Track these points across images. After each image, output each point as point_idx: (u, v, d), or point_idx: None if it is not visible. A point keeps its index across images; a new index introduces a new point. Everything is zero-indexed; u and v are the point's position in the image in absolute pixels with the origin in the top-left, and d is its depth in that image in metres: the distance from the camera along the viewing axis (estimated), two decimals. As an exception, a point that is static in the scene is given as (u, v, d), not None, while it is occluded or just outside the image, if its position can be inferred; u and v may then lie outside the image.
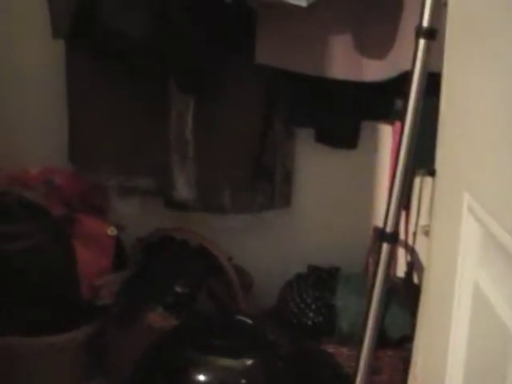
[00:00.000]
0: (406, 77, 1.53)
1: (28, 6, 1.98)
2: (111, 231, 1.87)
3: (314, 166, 2.00)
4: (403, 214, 1.59)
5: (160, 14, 1.67)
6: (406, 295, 1.78)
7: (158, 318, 1.82)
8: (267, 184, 1.94)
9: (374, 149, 1.95)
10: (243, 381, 1.53)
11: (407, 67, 1.48)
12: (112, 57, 1.78)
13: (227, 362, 1.55)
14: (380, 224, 1.55)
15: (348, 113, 1.84)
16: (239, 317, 1.70)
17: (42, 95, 2.09)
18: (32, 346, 1.79)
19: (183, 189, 1.89)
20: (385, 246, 1.52)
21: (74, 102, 1.94)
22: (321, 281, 1.90)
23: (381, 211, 1.83)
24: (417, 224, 1.71)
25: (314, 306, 1.81)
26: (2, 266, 1.79)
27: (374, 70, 1.69)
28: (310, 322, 1.80)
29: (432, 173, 1.52)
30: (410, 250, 1.80)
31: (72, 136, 1.96)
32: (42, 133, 2.10)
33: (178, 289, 1.85)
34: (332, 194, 2.02)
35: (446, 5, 1.36)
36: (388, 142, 1.93)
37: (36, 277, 1.80)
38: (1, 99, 2.10)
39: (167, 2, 1.67)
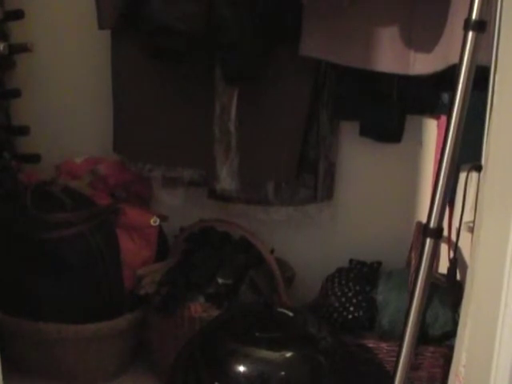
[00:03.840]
0: (452, 70, 1.51)
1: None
2: (154, 221, 1.89)
3: (358, 159, 1.99)
4: (447, 209, 1.57)
5: (206, 5, 1.67)
6: (448, 292, 1.77)
7: (200, 309, 1.83)
8: (310, 177, 1.93)
9: (419, 143, 1.93)
10: (283, 373, 1.53)
11: (455, 60, 1.46)
12: (158, 50, 1.79)
13: (267, 353, 1.55)
14: (423, 219, 1.53)
15: (393, 106, 1.83)
16: (280, 309, 1.70)
17: (87, 85, 2.11)
18: (77, 332, 1.82)
19: (226, 180, 1.89)
20: (428, 242, 1.50)
21: (119, 93, 1.96)
22: (362, 275, 1.89)
23: (424, 206, 1.82)
24: (461, 220, 1.69)
25: (354, 300, 1.81)
26: (47, 253, 1.82)
27: (421, 64, 1.67)
28: (350, 316, 1.80)
29: (478, 168, 1.50)
30: (454, 246, 1.78)
31: (117, 126, 1.98)
32: (88, 122, 2.13)
33: (220, 280, 1.85)
34: (375, 188, 2.00)
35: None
36: (432, 136, 1.91)
37: (80, 265, 1.83)
38: (46, 90, 2.13)
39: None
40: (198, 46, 1.75)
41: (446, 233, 1.72)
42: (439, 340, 1.75)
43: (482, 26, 1.40)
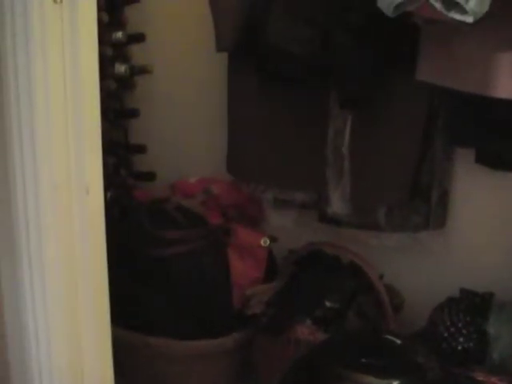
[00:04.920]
0: None
1: (193, 19, 2.05)
2: (264, 242, 1.90)
3: (473, 187, 1.93)
4: None
5: (323, 30, 1.69)
6: None
7: (306, 331, 1.82)
8: (423, 204, 1.89)
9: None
10: (388, 401, 1.51)
11: None
12: (273, 73, 1.81)
13: (374, 380, 1.52)
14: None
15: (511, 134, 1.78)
16: (388, 336, 1.67)
17: (203, 106, 2.16)
18: (185, 348, 1.85)
19: (337, 204, 1.89)
20: (546, 274, 1.45)
21: (234, 115, 2.00)
22: (473, 306, 1.84)
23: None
24: None
25: (464, 332, 1.76)
26: (159, 269, 1.87)
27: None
28: (459, 348, 1.75)
29: None
30: None
31: (231, 147, 2.02)
32: (202, 143, 2.18)
33: (328, 303, 1.84)
34: (490, 217, 1.94)
35: None
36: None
37: (190, 282, 1.87)
38: (163, 110, 2.20)
39: (330, 19, 1.68)
40: (313, 70, 1.76)
41: None
42: (555, 378, 1.69)
43: None
